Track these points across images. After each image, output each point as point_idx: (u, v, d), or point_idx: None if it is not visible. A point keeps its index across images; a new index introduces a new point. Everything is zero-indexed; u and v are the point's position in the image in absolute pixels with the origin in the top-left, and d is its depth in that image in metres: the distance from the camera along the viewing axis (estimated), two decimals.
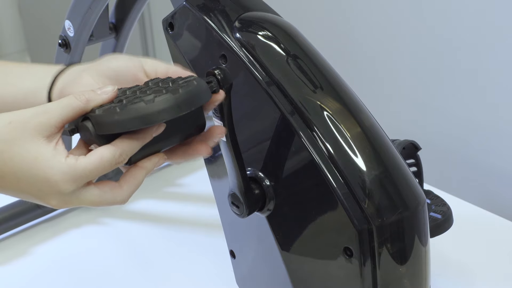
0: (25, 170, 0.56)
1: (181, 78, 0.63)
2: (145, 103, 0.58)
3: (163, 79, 0.64)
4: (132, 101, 0.59)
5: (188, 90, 0.60)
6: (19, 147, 0.56)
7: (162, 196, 1.22)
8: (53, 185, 0.57)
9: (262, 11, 0.72)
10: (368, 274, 0.63)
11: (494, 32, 1.30)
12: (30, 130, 0.56)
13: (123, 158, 0.58)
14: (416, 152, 0.94)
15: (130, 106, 0.58)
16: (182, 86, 0.60)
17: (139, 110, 0.57)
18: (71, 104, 0.58)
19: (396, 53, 1.52)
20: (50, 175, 0.56)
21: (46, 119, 0.57)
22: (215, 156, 0.79)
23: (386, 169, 0.63)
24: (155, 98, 0.58)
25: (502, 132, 1.35)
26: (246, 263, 0.85)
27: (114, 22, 1.05)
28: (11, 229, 1.11)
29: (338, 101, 0.66)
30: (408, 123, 1.54)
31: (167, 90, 0.59)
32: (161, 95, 0.59)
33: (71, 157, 0.57)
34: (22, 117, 0.57)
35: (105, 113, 0.58)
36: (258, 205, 0.71)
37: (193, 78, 0.63)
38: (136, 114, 0.57)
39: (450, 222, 0.89)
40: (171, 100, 0.58)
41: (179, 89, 0.59)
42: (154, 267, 1.03)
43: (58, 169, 0.56)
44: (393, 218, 0.62)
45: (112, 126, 0.58)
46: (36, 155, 0.56)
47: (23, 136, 0.56)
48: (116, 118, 0.57)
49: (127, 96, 0.61)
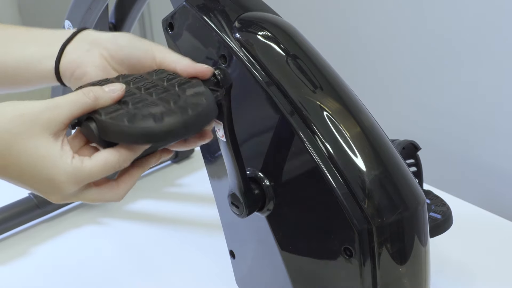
0: (30, 165, 0.57)
1: (188, 85, 0.63)
2: (154, 121, 0.57)
3: (169, 78, 0.64)
4: (140, 109, 0.58)
5: (197, 113, 0.59)
6: (26, 141, 0.56)
7: (162, 196, 1.22)
8: (57, 184, 0.57)
9: (262, 11, 0.72)
10: (368, 274, 0.63)
11: (494, 32, 1.30)
12: (40, 125, 0.56)
13: (126, 164, 0.59)
14: (416, 152, 0.94)
15: (138, 121, 0.57)
16: (191, 105, 0.59)
17: (147, 129, 0.57)
18: (80, 101, 0.58)
19: (396, 53, 1.52)
20: (55, 176, 0.57)
21: (56, 115, 0.57)
22: (215, 156, 0.79)
23: (386, 169, 0.63)
24: (164, 116, 0.58)
25: (502, 132, 1.35)
26: (246, 263, 0.85)
27: (114, 22, 1.05)
28: (11, 229, 1.11)
29: (338, 101, 0.66)
30: (408, 123, 1.54)
31: (175, 105, 0.59)
32: (171, 113, 0.58)
33: (76, 159, 0.57)
34: (33, 111, 0.56)
35: (112, 120, 0.58)
36: (258, 205, 0.71)
37: (202, 92, 0.62)
38: (144, 132, 0.57)
39: (450, 222, 0.89)
40: (180, 123, 0.58)
41: (188, 108, 0.59)
42: (154, 267, 1.03)
43: (63, 170, 0.57)
44: (393, 218, 0.62)
45: (118, 137, 0.58)
46: (43, 153, 0.56)
47: (32, 131, 0.56)
48: (123, 130, 0.57)
49: (133, 97, 0.61)
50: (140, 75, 0.65)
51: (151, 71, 0.66)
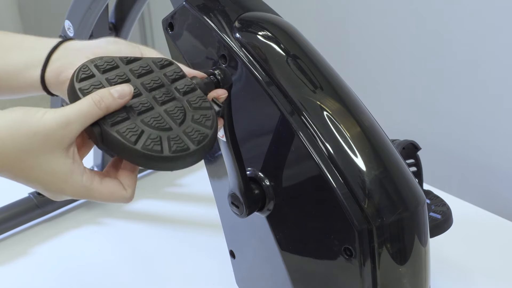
0: (41, 180, 0.58)
1: (194, 97, 0.62)
2: (161, 149, 0.58)
3: (175, 78, 0.63)
4: (146, 125, 0.58)
5: (204, 145, 0.60)
6: (39, 158, 0.57)
7: (162, 196, 1.22)
8: (65, 195, 0.60)
9: (262, 11, 0.72)
10: (368, 274, 0.63)
11: (494, 32, 1.30)
12: (52, 143, 0.57)
13: (130, 195, 0.61)
14: (416, 152, 0.94)
15: (143, 143, 0.57)
16: (197, 135, 0.60)
17: (154, 157, 0.58)
18: (91, 113, 0.58)
19: (396, 53, 1.52)
20: (64, 190, 0.59)
21: (68, 132, 0.57)
22: (215, 156, 0.79)
23: (386, 169, 0.63)
24: (171, 145, 0.58)
25: (502, 132, 1.35)
26: (246, 263, 0.85)
27: (114, 22, 1.05)
28: (11, 229, 1.11)
29: (338, 101, 0.66)
30: (408, 123, 1.54)
31: (181, 128, 0.59)
32: (176, 142, 0.58)
33: (86, 178, 0.59)
34: (45, 129, 0.57)
35: (117, 135, 0.57)
36: (258, 205, 0.71)
37: (208, 116, 0.61)
38: (150, 158, 0.58)
39: (450, 222, 0.89)
40: (188, 159, 0.59)
41: (196, 139, 0.59)
42: (154, 267, 1.03)
43: (72, 187, 0.59)
44: (393, 218, 0.62)
45: (119, 152, 0.58)
46: (55, 169, 0.58)
47: (45, 148, 0.57)
48: (127, 148, 0.57)
49: (139, 100, 0.60)
50: (145, 64, 0.63)
51: (155, 60, 0.64)
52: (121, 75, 0.62)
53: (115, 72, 0.62)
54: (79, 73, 0.60)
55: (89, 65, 0.61)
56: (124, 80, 0.61)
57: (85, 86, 0.60)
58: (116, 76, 0.61)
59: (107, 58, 0.62)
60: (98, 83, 0.60)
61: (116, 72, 0.62)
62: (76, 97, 0.59)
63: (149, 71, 0.63)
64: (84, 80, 0.60)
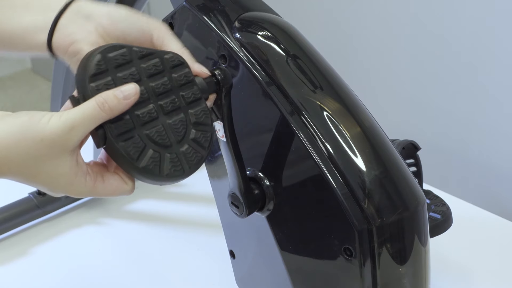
0: (47, 182, 0.60)
1: (197, 114, 0.64)
2: (159, 171, 0.60)
3: (183, 84, 0.64)
4: (149, 139, 0.60)
5: (197, 167, 0.63)
6: (45, 163, 0.58)
7: (162, 196, 1.22)
8: (69, 195, 0.62)
9: (262, 11, 0.72)
10: (368, 274, 0.63)
11: (493, 32, 1.30)
12: (58, 148, 0.58)
13: (131, 187, 0.63)
14: (416, 152, 0.94)
15: (144, 161, 0.60)
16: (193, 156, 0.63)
17: (150, 176, 0.60)
18: (95, 117, 0.58)
19: (396, 53, 1.52)
20: (69, 191, 0.61)
21: (72, 136, 0.58)
22: (215, 156, 0.79)
23: (385, 169, 0.63)
24: (170, 167, 0.61)
25: (502, 133, 1.35)
26: (246, 263, 0.85)
27: None
28: (11, 229, 1.11)
29: (338, 101, 0.66)
30: (408, 123, 1.54)
31: (180, 148, 0.62)
32: (176, 164, 0.61)
33: (89, 180, 0.61)
34: (51, 135, 0.57)
35: (120, 147, 0.59)
36: (258, 205, 0.71)
37: (206, 137, 0.64)
38: (146, 176, 0.60)
39: (450, 222, 0.89)
40: (179, 179, 0.62)
41: (192, 162, 0.62)
42: (154, 267, 1.03)
43: (77, 189, 0.61)
44: (393, 218, 0.62)
45: (120, 163, 0.60)
46: (61, 172, 0.59)
47: (51, 154, 0.58)
48: (128, 162, 0.60)
49: (144, 106, 0.61)
50: (158, 63, 0.63)
51: (168, 58, 0.64)
52: (134, 74, 0.61)
53: (128, 71, 0.61)
54: (92, 67, 0.60)
55: (102, 57, 0.60)
56: (136, 80, 0.61)
57: (98, 85, 0.59)
58: (130, 75, 0.61)
59: (121, 50, 0.62)
60: (111, 83, 0.60)
61: (129, 71, 0.61)
62: (87, 95, 0.59)
63: (160, 71, 0.63)
64: (96, 75, 0.60)
